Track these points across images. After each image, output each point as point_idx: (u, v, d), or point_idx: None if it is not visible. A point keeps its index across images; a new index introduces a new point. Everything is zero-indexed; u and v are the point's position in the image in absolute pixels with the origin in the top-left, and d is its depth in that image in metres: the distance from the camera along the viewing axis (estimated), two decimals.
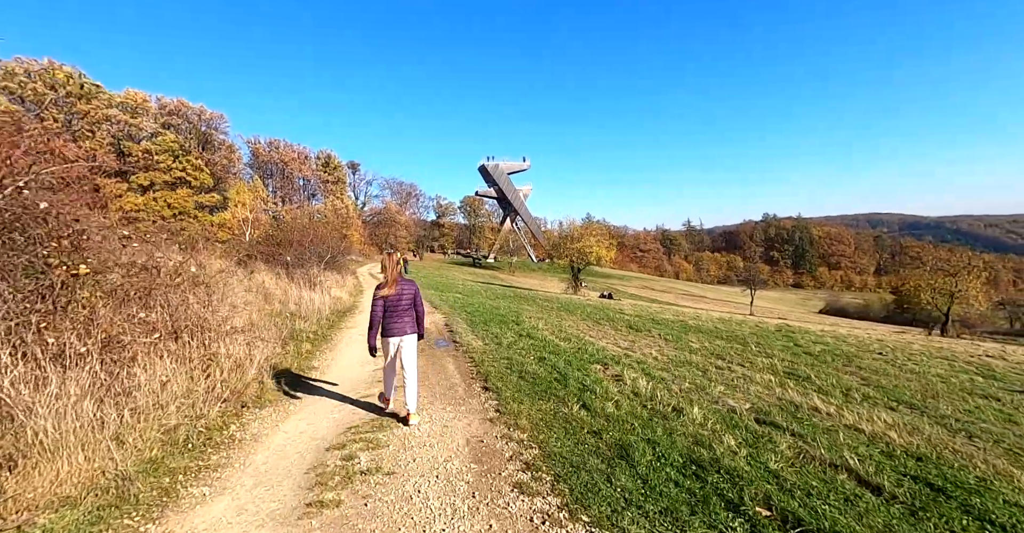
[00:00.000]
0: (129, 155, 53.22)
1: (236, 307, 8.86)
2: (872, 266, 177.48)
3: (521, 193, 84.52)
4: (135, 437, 3.70)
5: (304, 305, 11.67)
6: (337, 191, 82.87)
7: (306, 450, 3.99)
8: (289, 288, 12.96)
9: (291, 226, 20.41)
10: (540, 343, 8.28)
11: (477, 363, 6.76)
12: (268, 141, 78.41)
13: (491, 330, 9.66)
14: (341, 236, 62.62)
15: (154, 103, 58.83)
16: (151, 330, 4.68)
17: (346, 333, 9.96)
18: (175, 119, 59.45)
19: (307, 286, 13.67)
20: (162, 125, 58.08)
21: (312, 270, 14.11)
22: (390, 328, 4.55)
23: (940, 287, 29.93)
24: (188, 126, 60.98)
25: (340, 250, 16.57)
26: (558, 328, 10.82)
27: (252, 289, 11.44)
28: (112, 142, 53.00)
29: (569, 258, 36.28)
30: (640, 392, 5.32)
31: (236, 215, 32.20)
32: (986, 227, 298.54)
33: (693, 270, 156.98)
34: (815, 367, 8.28)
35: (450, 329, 9.85)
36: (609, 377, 6.06)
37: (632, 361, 7.35)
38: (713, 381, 6.27)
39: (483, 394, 5.37)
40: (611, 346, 8.94)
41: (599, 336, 10.34)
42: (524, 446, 3.84)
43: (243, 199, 33.87)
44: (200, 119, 61.54)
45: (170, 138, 55.22)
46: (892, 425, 4.49)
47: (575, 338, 9.30)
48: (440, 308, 13.42)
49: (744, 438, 3.98)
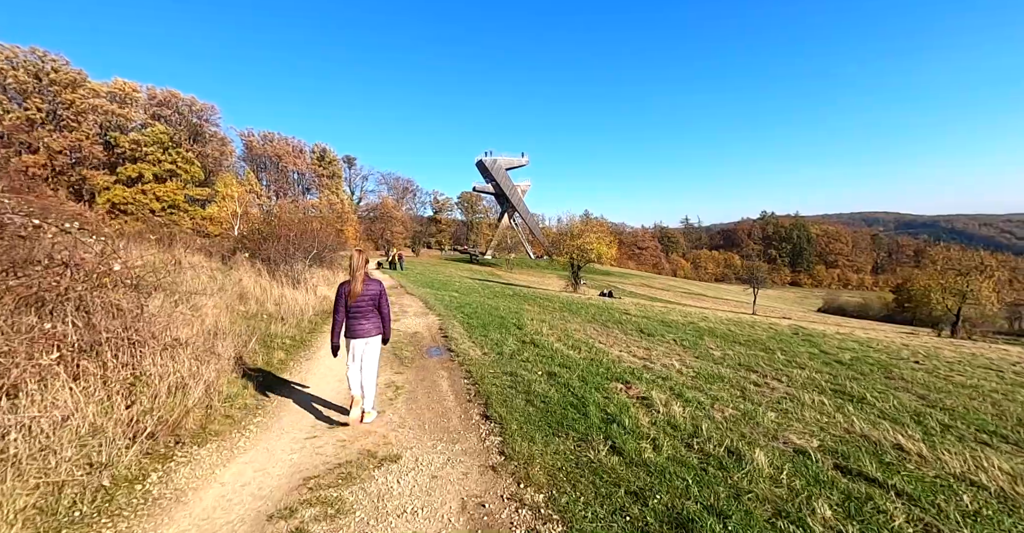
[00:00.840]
0: (117, 146, 51.69)
1: (198, 309, 7.79)
2: (869, 265, 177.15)
3: (519, 189, 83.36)
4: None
5: (285, 305, 10.57)
6: (332, 186, 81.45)
7: (241, 518, 2.92)
8: (270, 286, 11.85)
9: (278, 220, 19.26)
10: (547, 353, 7.23)
11: (476, 379, 5.70)
12: (262, 134, 76.91)
13: (491, 336, 8.60)
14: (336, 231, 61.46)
15: (143, 93, 57.22)
16: (51, 347, 3.59)
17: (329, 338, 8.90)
18: (165, 110, 57.86)
19: (291, 284, 12.57)
20: (151, 116, 56.54)
21: (296, 266, 12.99)
22: (354, 329, 4.42)
23: (951, 287, 29.03)
24: (178, 117, 59.38)
25: (328, 245, 15.46)
26: (564, 333, 9.77)
27: (226, 288, 10.33)
28: (99, 133, 51.57)
29: (569, 255, 35.18)
30: (678, 423, 4.27)
31: (224, 209, 30.83)
32: (981, 226, 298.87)
33: (691, 268, 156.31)
34: (859, 381, 7.26)
35: (445, 334, 8.78)
36: (635, 400, 5.01)
37: (655, 376, 6.31)
38: (757, 404, 5.23)
39: (483, 424, 4.31)
40: (626, 355, 7.90)
41: (610, 342, 9.29)
42: (542, 517, 2.79)
43: (231, 192, 32.45)
44: (191, 110, 59.95)
45: (159, 129, 53.69)
46: (1016, 476, 3.47)
47: (585, 345, 8.25)
48: (435, 309, 12.35)
49: (840, 504, 2.94)
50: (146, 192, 51.27)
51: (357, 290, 4.36)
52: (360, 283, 4.39)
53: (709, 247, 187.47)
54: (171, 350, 4.56)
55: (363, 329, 4.42)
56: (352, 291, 4.36)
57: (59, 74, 47.84)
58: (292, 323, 9.40)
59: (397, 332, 9.31)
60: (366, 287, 4.43)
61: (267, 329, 8.36)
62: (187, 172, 54.30)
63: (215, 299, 9.02)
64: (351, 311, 4.41)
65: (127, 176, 51.00)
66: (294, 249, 12.92)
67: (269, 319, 9.21)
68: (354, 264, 4.43)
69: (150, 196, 51.17)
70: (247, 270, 12.72)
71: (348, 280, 4.44)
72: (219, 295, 9.40)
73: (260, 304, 10.19)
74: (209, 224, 47.06)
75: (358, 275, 4.39)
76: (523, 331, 9.45)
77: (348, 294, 4.36)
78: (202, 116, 61.25)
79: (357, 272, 4.39)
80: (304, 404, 5.07)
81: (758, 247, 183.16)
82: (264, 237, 15.85)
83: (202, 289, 9.40)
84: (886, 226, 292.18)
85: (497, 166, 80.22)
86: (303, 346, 8.07)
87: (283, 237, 13.61)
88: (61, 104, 48.07)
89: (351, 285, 4.38)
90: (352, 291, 4.36)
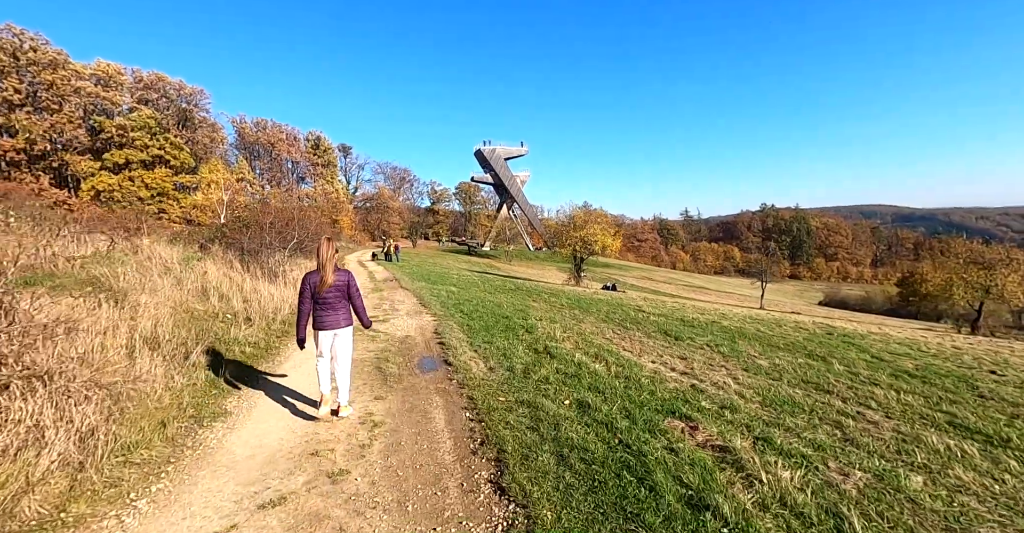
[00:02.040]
0: (101, 131, 49.67)
1: (137, 309, 6.25)
2: (869, 258, 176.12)
3: (518, 179, 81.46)
4: None
5: (256, 302, 9.05)
6: (328, 175, 79.47)
7: None
8: (242, 280, 10.31)
9: (260, 207, 17.66)
10: (570, 368, 5.72)
11: (481, 411, 4.21)
12: (254, 121, 74.68)
13: (496, 342, 7.09)
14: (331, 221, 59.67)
15: (129, 76, 55.04)
16: None
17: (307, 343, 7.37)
18: (152, 94, 55.75)
19: (267, 277, 11.02)
20: (138, 100, 54.43)
21: (274, 257, 11.44)
22: (322, 320, 4.27)
23: (974, 281, 27.64)
24: (166, 102, 57.29)
25: (313, 233, 13.89)
26: (581, 337, 8.26)
27: (186, 282, 8.77)
28: (82, 117, 49.48)
29: (572, 247, 33.61)
30: (800, 507, 2.76)
31: (208, 196, 29.03)
32: (977, 219, 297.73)
33: (690, 260, 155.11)
34: (961, 405, 5.78)
35: (441, 340, 7.25)
36: (712, 454, 3.50)
37: (715, 404, 4.81)
38: (879, 456, 3.73)
39: (496, 505, 2.81)
40: (664, 369, 6.40)
41: (637, 349, 7.78)
42: None
43: (216, 178, 30.61)
44: (179, 94, 57.82)
45: (146, 114, 51.64)
46: None
47: (610, 355, 6.75)
48: (430, 306, 10.82)
49: None
50: (133, 179, 49.35)
51: (328, 281, 4.16)
52: (330, 274, 4.19)
53: (708, 239, 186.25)
54: (26, 382, 3.03)
55: (330, 320, 4.27)
56: (322, 281, 4.16)
57: (38, 54, 45.68)
58: (261, 325, 7.87)
59: (385, 335, 7.79)
60: (336, 277, 4.25)
61: (225, 334, 6.83)
62: (176, 158, 52.35)
63: (165, 296, 7.48)
64: (318, 302, 4.24)
65: (113, 162, 49.04)
66: (271, 238, 11.33)
67: (232, 320, 7.68)
68: (322, 254, 4.20)
69: (138, 183, 49.27)
70: (217, 261, 11.17)
71: (314, 270, 4.27)
72: (172, 291, 7.84)
73: (225, 301, 8.64)
74: (198, 213, 45.26)
75: (327, 266, 4.19)
76: (533, 335, 7.94)
77: (315, 284, 4.17)
78: (191, 100, 59.12)
79: (326, 263, 4.19)
80: (245, 452, 3.56)
81: (758, 239, 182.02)
82: (245, 225, 14.29)
83: (152, 285, 7.84)
84: (883, 219, 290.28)
85: (496, 156, 78.25)
86: (268, 355, 6.54)
87: (268, 225, 12.03)
88: (41, 85, 45.93)
89: (320, 275, 4.18)
90: (322, 281, 4.16)
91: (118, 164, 49.18)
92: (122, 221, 13.51)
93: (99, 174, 47.94)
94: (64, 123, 46.39)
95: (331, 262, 4.23)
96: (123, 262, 8.85)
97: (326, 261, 4.19)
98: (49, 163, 47.89)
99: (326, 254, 4.20)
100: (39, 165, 47.43)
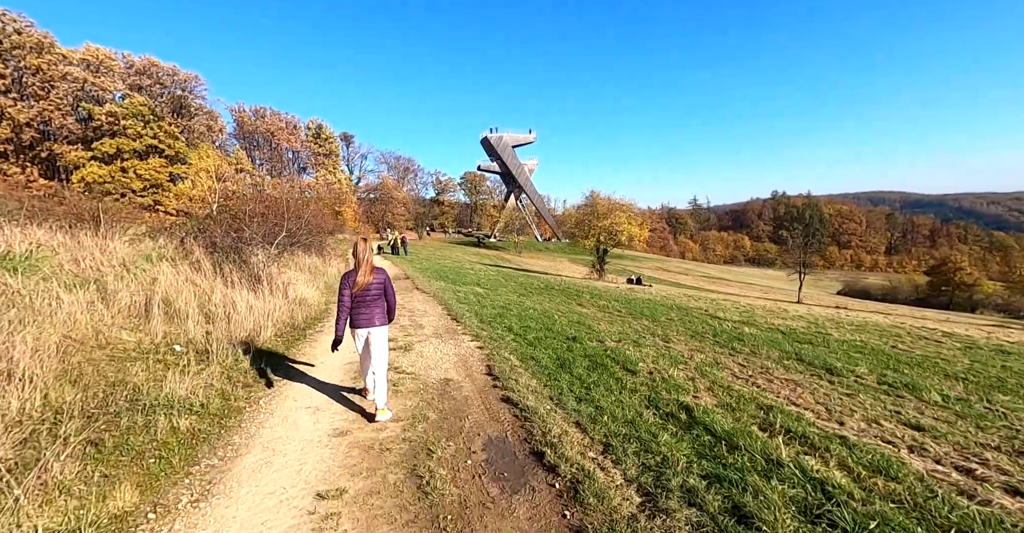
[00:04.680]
0: (91, 119, 46.87)
1: None
2: (883, 245, 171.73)
3: (526, 168, 78.50)
4: None
5: (225, 323, 6.42)
6: (330, 164, 76.47)
7: None
8: (212, 287, 7.65)
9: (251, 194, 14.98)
10: (774, 471, 3.04)
11: None
12: (253, 109, 71.66)
13: (598, 399, 4.36)
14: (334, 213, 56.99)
15: (120, 62, 52.10)
16: None
17: (291, 393, 4.67)
18: (145, 80, 52.71)
19: (248, 283, 8.34)
20: (129, 86, 51.48)
21: (257, 255, 8.77)
22: (358, 319, 4.21)
23: None
24: (160, 88, 54.31)
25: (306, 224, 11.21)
26: (704, 376, 5.56)
27: (120, 295, 6.10)
28: (71, 104, 46.67)
29: (596, 237, 30.83)
30: None
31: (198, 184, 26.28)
32: (988, 205, 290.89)
33: (699, 250, 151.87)
34: None
35: (506, 395, 4.52)
36: None
37: None
38: None
39: None
40: (927, 463, 3.69)
41: (816, 404, 5.03)
42: None
43: (207, 165, 27.88)
44: (173, 81, 54.81)
45: (139, 101, 48.67)
46: None
47: (799, 424, 4.03)
48: (464, 321, 8.12)
49: None
50: (126, 170, 46.70)
51: (365, 281, 4.14)
52: (368, 274, 4.16)
53: (718, 228, 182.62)
54: None
55: (367, 318, 4.19)
56: (358, 282, 4.12)
57: (23, 37, 42.90)
58: (224, 362, 5.19)
59: (412, 379, 5.12)
60: (373, 277, 4.22)
61: (153, 389, 4.15)
62: (171, 148, 49.64)
63: (63, 322, 4.83)
64: (355, 300, 4.18)
65: (104, 152, 46.30)
66: (251, 230, 8.63)
67: (178, 357, 5.02)
68: (359, 254, 4.17)
69: (131, 174, 46.64)
70: (183, 262, 8.50)
71: (352, 270, 4.19)
72: (84, 313, 5.17)
73: (177, 323, 5.98)
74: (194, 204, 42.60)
75: (364, 267, 4.15)
76: (639, 378, 5.23)
77: (353, 284, 4.12)
78: (186, 87, 56.18)
79: (364, 264, 4.16)
80: None
81: (768, 228, 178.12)
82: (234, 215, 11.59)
83: (52, 305, 5.17)
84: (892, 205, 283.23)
85: (503, 143, 75.23)
86: (222, 431, 3.87)
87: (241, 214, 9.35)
88: (26, 70, 43.17)
89: (356, 276, 4.13)
90: (358, 282, 4.12)
91: (109, 154, 46.47)
92: (72, 209, 10.83)
93: (89, 165, 45.26)
94: (52, 111, 43.69)
95: (369, 262, 4.20)
96: (31, 267, 6.19)
97: (363, 261, 4.16)
98: (38, 153, 45.32)
99: (363, 254, 4.17)
100: (28, 155, 44.89)
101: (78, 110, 47.50)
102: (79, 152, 45.86)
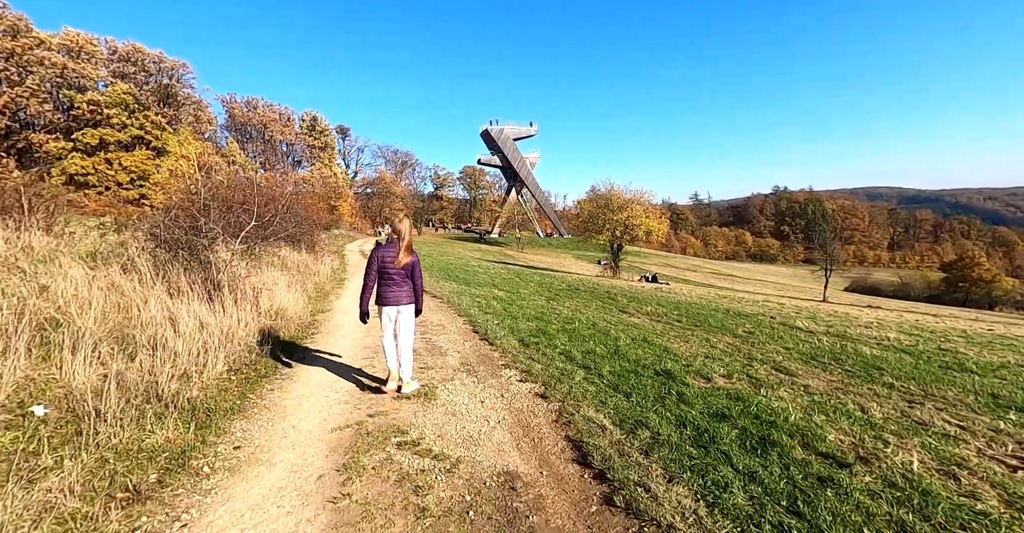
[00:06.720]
0: (71, 107, 44.30)
1: None
2: (885, 241, 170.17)
3: (528, 161, 76.05)
4: None
5: (148, 354, 4.27)
6: (325, 158, 73.88)
7: None
8: (146, 298, 5.48)
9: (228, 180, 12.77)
10: None
11: None
12: (245, 100, 69.00)
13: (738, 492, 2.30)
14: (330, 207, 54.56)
15: (103, 47, 49.47)
16: None
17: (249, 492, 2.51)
18: (129, 67, 50.10)
19: (204, 290, 6.16)
20: (112, 73, 48.88)
21: (218, 252, 6.59)
22: (386, 296, 4.14)
23: None
24: (145, 76, 51.71)
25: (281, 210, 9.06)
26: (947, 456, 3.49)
27: (9, 312, 3.94)
28: (49, 91, 44.08)
29: (611, 232, 28.68)
30: None
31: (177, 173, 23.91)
32: (985, 200, 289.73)
33: (701, 246, 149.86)
34: None
35: (643, 530, 2.45)
36: None
37: None
38: None
39: None
40: None
41: None
42: None
43: (187, 152, 25.52)
44: (159, 68, 52.20)
45: (122, 88, 45.98)
46: None
47: None
48: (494, 339, 6.03)
49: None
50: (111, 162, 44.17)
51: (403, 260, 4.08)
52: (407, 253, 4.09)
53: (719, 224, 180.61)
54: None
55: (395, 296, 4.13)
56: (397, 259, 4.06)
57: None
58: (117, 439, 3.02)
59: (449, 473, 2.98)
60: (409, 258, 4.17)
61: None
62: (158, 139, 47.13)
63: None
64: (383, 277, 4.13)
65: (86, 143, 43.76)
66: (207, 220, 6.44)
67: (11, 442, 2.85)
68: (403, 231, 4.09)
69: (115, 166, 44.15)
70: (113, 262, 6.34)
71: (387, 245, 4.15)
72: None
73: (56, 359, 3.80)
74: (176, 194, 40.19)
75: (403, 244, 4.07)
76: (856, 475, 3.12)
77: (388, 260, 4.06)
78: (173, 75, 53.60)
79: (403, 241, 4.08)
80: None
81: (771, 223, 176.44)
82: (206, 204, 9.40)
83: None
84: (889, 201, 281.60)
85: (504, 136, 72.84)
86: None
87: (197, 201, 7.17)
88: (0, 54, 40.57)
89: (395, 251, 4.07)
90: (397, 259, 4.06)
91: (92, 145, 43.91)
92: None
93: (70, 156, 42.75)
94: (27, 97, 41.09)
95: (409, 242, 4.10)
96: None
97: (404, 239, 4.07)
98: (14, 143, 42.76)
99: (406, 232, 4.09)
100: (2, 145, 42.33)
101: (58, 98, 44.91)
102: (59, 143, 43.30)
